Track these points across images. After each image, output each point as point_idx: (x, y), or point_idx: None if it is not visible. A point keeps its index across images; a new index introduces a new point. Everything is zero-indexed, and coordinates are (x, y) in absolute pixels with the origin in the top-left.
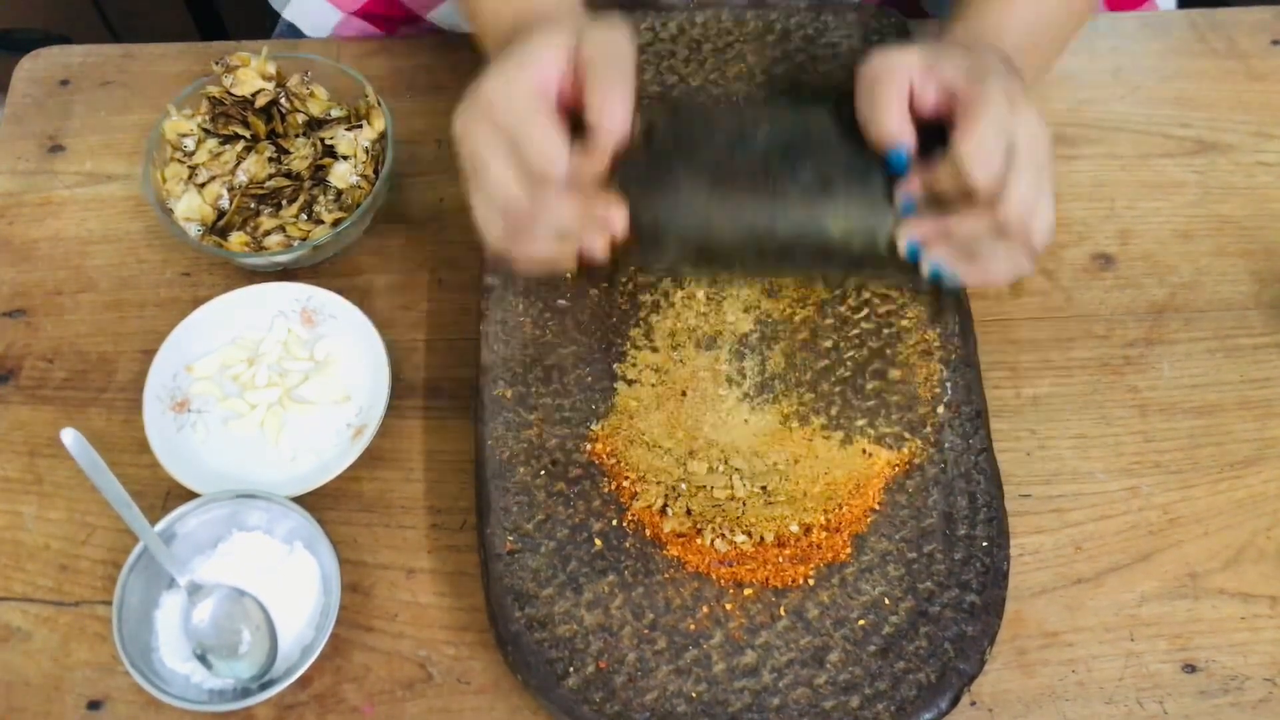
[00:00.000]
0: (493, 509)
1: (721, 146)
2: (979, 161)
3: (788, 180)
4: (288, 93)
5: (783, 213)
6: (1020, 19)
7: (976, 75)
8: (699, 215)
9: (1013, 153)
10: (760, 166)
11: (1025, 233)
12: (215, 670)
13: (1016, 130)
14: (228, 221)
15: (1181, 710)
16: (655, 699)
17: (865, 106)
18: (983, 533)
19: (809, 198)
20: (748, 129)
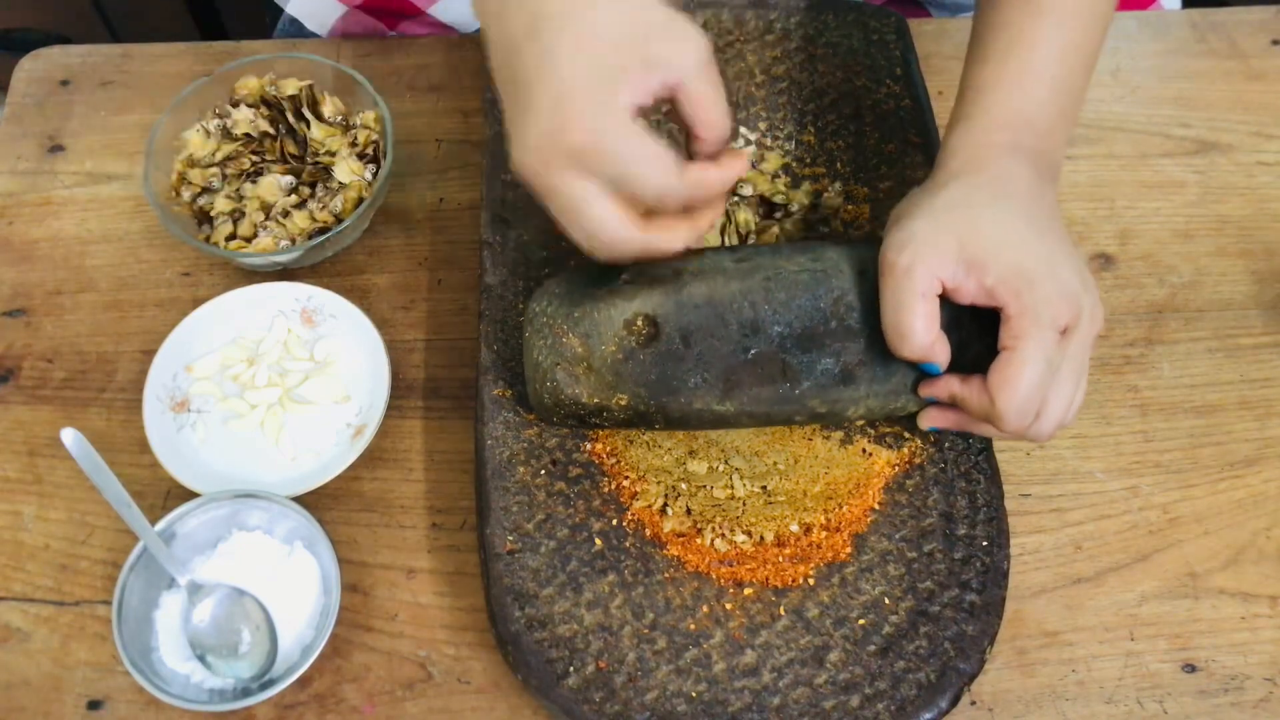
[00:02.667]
0: (493, 509)
1: (733, 344)
2: (1012, 415)
3: (805, 379)
4: (288, 125)
5: (801, 407)
6: (1048, 82)
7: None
8: (715, 417)
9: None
10: (777, 364)
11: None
12: (215, 670)
13: (1061, 353)
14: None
15: (1181, 710)
16: (655, 699)
17: (891, 312)
18: (983, 532)
19: (828, 390)
20: (762, 318)
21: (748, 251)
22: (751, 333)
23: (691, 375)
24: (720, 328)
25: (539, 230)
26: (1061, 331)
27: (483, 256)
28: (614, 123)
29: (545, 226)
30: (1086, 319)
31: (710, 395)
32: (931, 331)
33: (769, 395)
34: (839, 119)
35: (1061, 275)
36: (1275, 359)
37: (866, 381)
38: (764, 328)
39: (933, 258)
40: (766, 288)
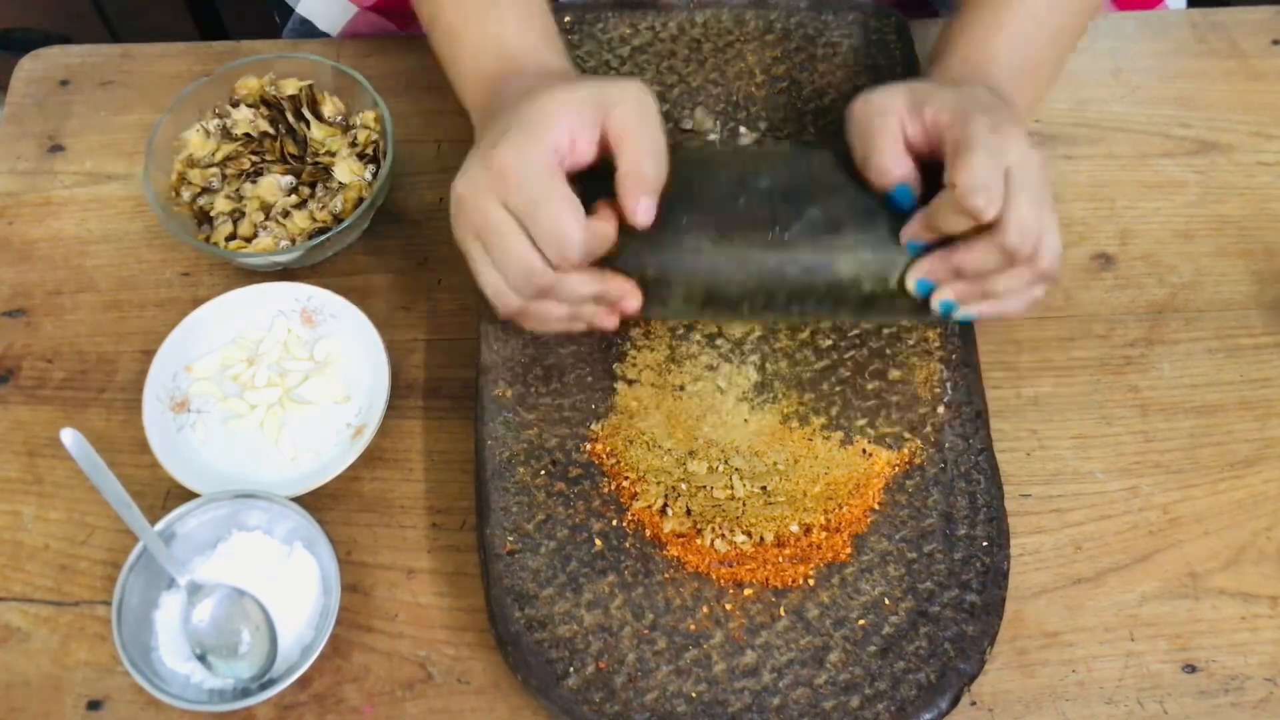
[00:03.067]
0: (493, 509)
1: (725, 193)
2: (978, 191)
3: (794, 224)
4: (288, 125)
5: (791, 257)
6: (1009, 50)
7: (962, 111)
8: (705, 265)
9: (1008, 179)
10: (765, 212)
11: (1033, 256)
12: (215, 670)
13: (1009, 158)
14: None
15: (1182, 710)
16: (655, 699)
17: (861, 147)
18: (983, 533)
19: (816, 240)
20: (750, 174)
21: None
22: (741, 184)
23: (684, 214)
24: (712, 180)
25: None
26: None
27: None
28: (537, 160)
29: None
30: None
31: (702, 236)
32: (899, 150)
33: (760, 240)
34: (839, 119)
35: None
36: (1276, 359)
37: (853, 230)
38: (752, 181)
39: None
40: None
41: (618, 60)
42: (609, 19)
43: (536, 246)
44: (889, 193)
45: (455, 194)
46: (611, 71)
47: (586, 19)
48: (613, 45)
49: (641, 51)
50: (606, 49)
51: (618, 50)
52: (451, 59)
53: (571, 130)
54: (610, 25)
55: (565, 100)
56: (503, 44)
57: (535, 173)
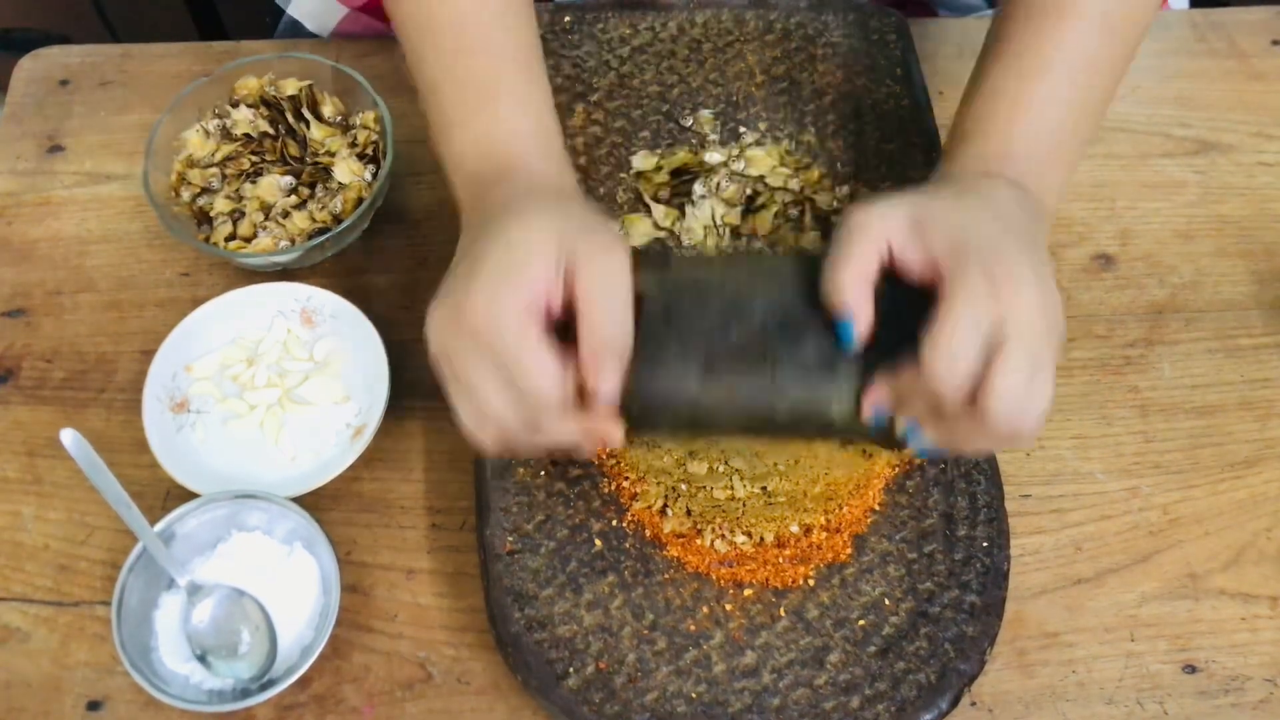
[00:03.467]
0: (493, 509)
1: (715, 322)
2: (942, 370)
3: (788, 362)
4: (288, 125)
5: (782, 397)
6: (1032, 139)
7: (960, 249)
8: (693, 400)
9: (998, 339)
10: (758, 346)
11: (1012, 431)
12: (215, 671)
13: (1005, 316)
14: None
15: (1182, 711)
16: (655, 699)
17: (826, 266)
18: (983, 533)
19: (809, 381)
20: (743, 299)
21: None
22: (734, 316)
23: (671, 348)
24: (702, 307)
25: None
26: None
27: None
28: (511, 313)
29: None
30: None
31: (689, 373)
32: (859, 281)
33: (748, 380)
34: (839, 119)
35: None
36: (1276, 359)
37: (846, 375)
38: (746, 312)
39: (884, 214)
40: (751, 273)
41: (618, 60)
42: (609, 19)
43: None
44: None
45: (430, 335)
46: (612, 72)
47: (586, 19)
48: (613, 45)
49: (641, 51)
50: (606, 49)
51: (618, 50)
52: (443, 149)
53: (546, 278)
54: (610, 25)
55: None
56: (494, 145)
57: (508, 326)
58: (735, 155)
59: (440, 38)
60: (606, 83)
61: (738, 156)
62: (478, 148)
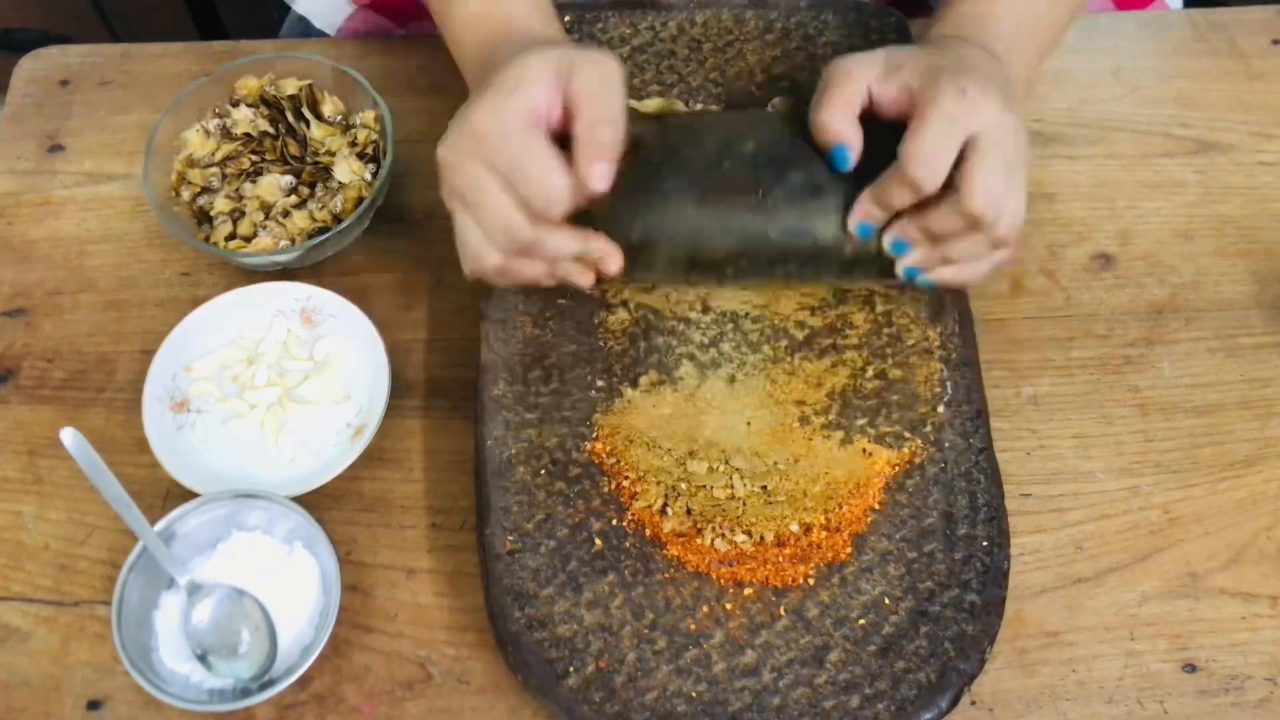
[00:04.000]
0: (493, 509)
1: (710, 157)
2: (920, 163)
3: (777, 187)
4: (288, 124)
5: (773, 219)
6: (1006, 7)
7: (933, 75)
8: (689, 226)
9: (972, 144)
10: (749, 175)
11: (991, 224)
12: (215, 670)
13: (975, 121)
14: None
15: (1182, 710)
16: (655, 699)
17: (813, 103)
18: (983, 532)
19: (799, 204)
20: (735, 139)
21: None
22: (726, 149)
23: (667, 178)
24: (697, 145)
25: None
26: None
27: None
28: (515, 119)
29: None
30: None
31: (685, 200)
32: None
33: (742, 203)
34: None
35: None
36: (1276, 359)
37: (833, 194)
38: (737, 146)
39: (864, 59)
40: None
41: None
42: (609, 19)
43: (518, 204)
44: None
45: (438, 158)
46: None
47: (586, 19)
48: (613, 45)
49: (641, 51)
50: (606, 49)
51: (618, 50)
52: (449, 34)
53: (546, 91)
54: (610, 25)
55: (539, 63)
56: (491, 14)
57: (514, 130)
58: None
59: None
60: None
61: None
62: (478, 19)
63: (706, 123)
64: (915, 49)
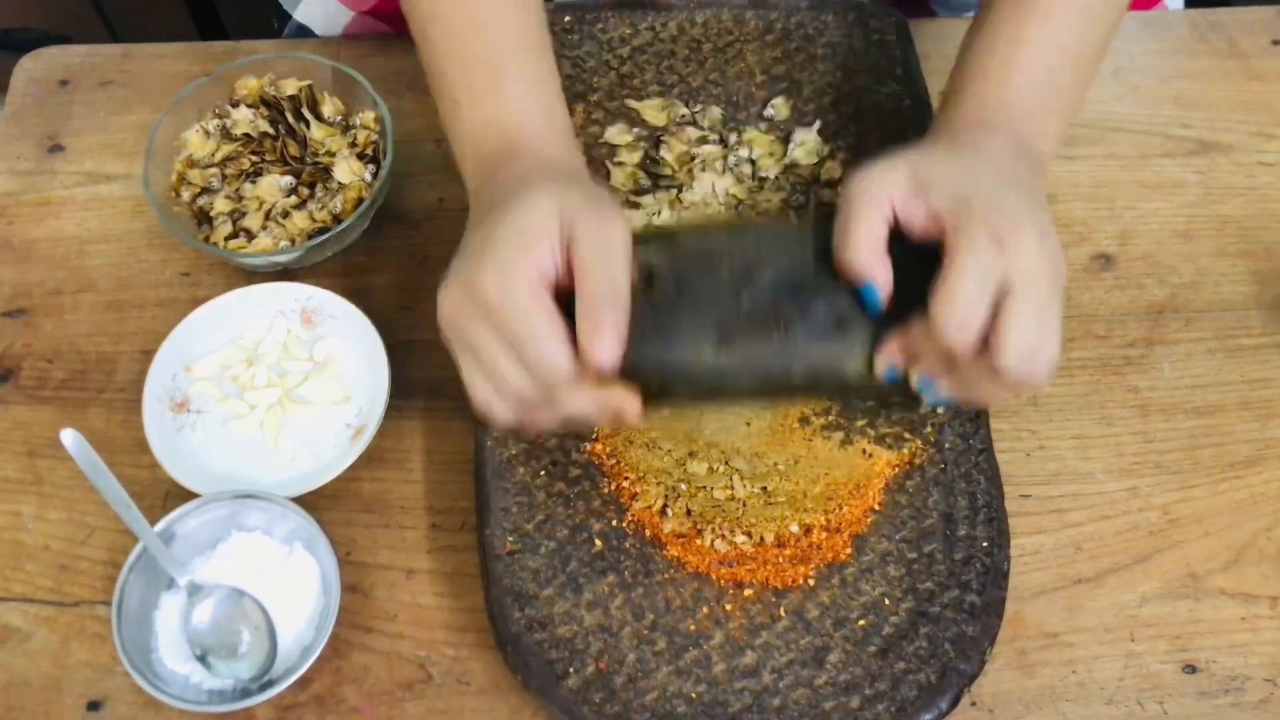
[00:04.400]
0: (493, 509)
1: (726, 289)
2: (952, 323)
3: (800, 324)
4: (288, 125)
5: (797, 358)
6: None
7: (963, 207)
8: (710, 370)
9: (1006, 293)
10: (769, 310)
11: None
12: (215, 671)
13: (1009, 269)
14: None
15: (1182, 711)
16: (655, 699)
17: (838, 235)
18: (983, 533)
19: (823, 341)
20: (754, 267)
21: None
22: (745, 281)
23: (685, 321)
24: (713, 276)
25: None
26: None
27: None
28: (521, 288)
29: None
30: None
31: (705, 343)
32: (874, 243)
33: (762, 345)
34: (839, 119)
35: (1007, 205)
36: (1276, 359)
37: (858, 330)
38: (756, 276)
39: (885, 178)
40: (759, 240)
41: (618, 60)
42: (609, 19)
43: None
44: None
45: (441, 312)
46: (612, 72)
47: (586, 19)
48: (613, 45)
49: (641, 51)
50: (606, 49)
51: (618, 50)
52: (452, 129)
53: (551, 252)
54: (610, 25)
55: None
56: (503, 125)
57: (519, 299)
58: (735, 143)
59: (448, 17)
60: (606, 83)
61: (737, 143)
62: (485, 128)
63: (720, 246)
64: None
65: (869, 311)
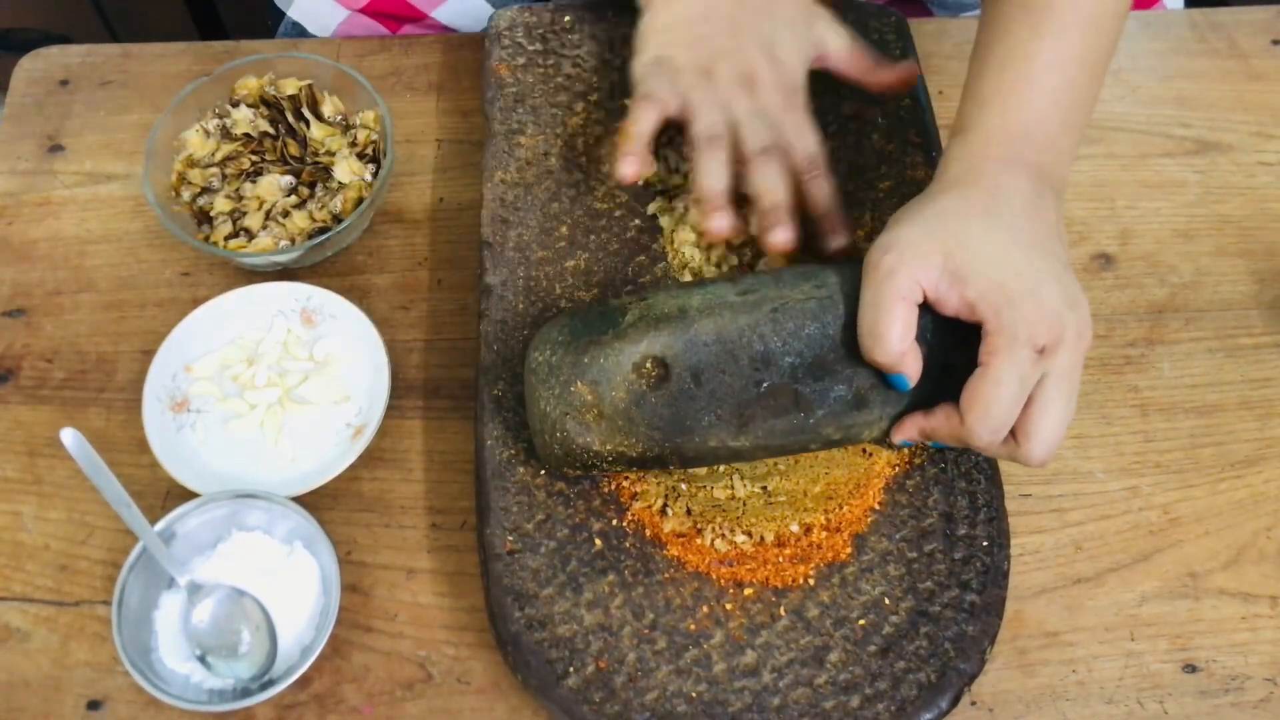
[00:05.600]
0: (493, 509)
1: (746, 381)
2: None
3: (821, 407)
4: (288, 124)
5: (816, 434)
6: (1048, 94)
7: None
8: (730, 452)
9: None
10: (790, 394)
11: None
12: (215, 670)
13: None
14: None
15: (1182, 710)
16: (655, 699)
17: (869, 313)
18: (983, 532)
19: (842, 418)
20: (772, 354)
21: (750, 282)
22: (763, 366)
23: (705, 414)
24: (730, 364)
25: (539, 230)
26: (1040, 351)
27: (483, 256)
28: None
29: (545, 226)
30: (1072, 337)
31: (724, 432)
32: (906, 338)
33: (783, 427)
34: (839, 119)
35: (1045, 295)
36: (1276, 359)
37: (879, 404)
38: (774, 360)
39: (917, 263)
40: (774, 319)
41: (618, 60)
42: (609, 19)
43: None
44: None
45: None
46: (612, 72)
47: (586, 19)
48: (613, 45)
49: None
50: (607, 49)
51: (618, 50)
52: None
53: None
54: (610, 25)
55: None
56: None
57: None
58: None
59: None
60: (607, 83)
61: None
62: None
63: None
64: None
65: (894, 390)
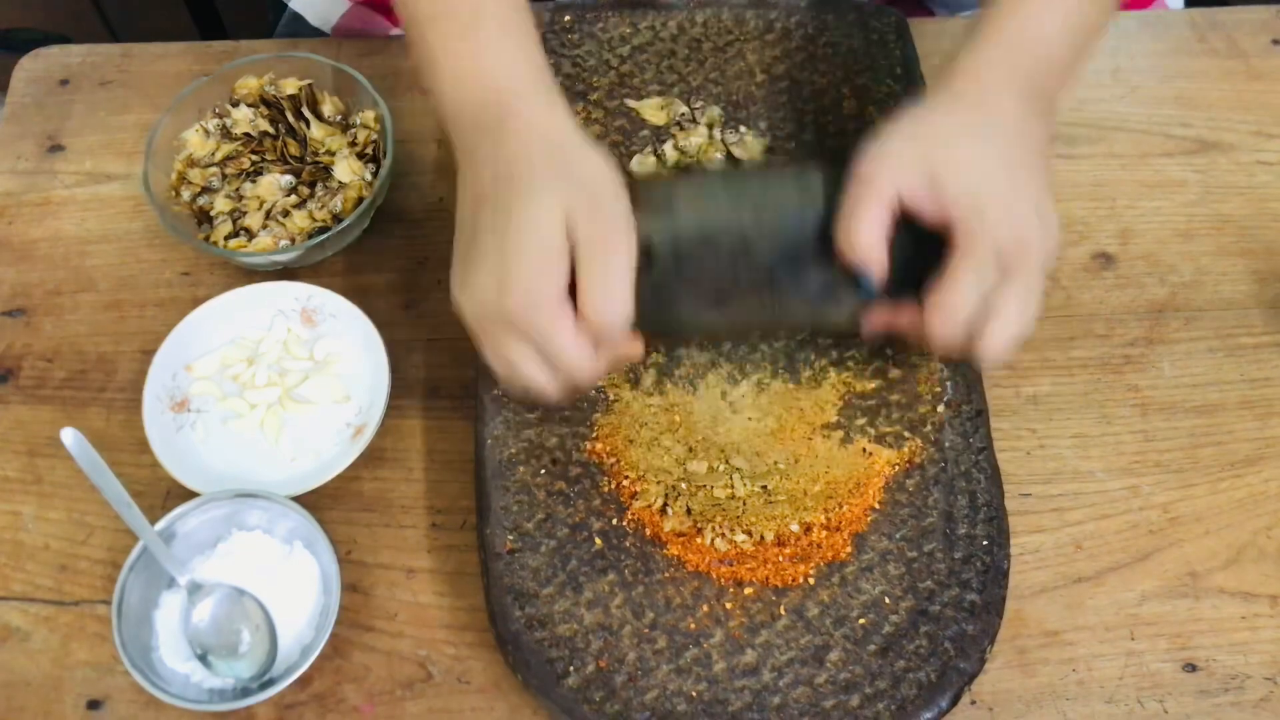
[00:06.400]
0: (493, 508)
1: (724, 264)
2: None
3: (794, 293)
4: (288, 124)
5: (788, 318)
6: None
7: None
8: (706, 327)
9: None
10: (765, 281)
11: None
12: (215, 670)
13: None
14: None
15: (1182, 709)
16: (655, 698)
17: (840, 222)
18: (983, 532)
19: (814, 304)
20: (751, 241)
21: (738, 177)
22: (742, 254)
23: (684, 294)
24: (713, 252)
25: None
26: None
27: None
28: (545, 306)
29: None
30: (1036, 248)
31: (701, 307)
32: (877, 239)
33: (755, 304)
34: (839, 119)
35: (1017, 207)
36: (1276, 358)
37: (849, 301)
38: (754, 249)
39: (897, 168)
40: (756, 213)
41: (618, 59)
42: (609, 18)
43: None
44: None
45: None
46: (612, 71)
47: (586, 18)
48: (613, 45)
49: (641, 51)
50: (607, 48)
51: (618, 50)
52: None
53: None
54: (610, 25)
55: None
56: (480, 79)
57: (543, 317)
58: (734, 141)
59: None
60: (606, 82)
61: (736, 142)
62: (464, 81)
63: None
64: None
65: (861, 292)
